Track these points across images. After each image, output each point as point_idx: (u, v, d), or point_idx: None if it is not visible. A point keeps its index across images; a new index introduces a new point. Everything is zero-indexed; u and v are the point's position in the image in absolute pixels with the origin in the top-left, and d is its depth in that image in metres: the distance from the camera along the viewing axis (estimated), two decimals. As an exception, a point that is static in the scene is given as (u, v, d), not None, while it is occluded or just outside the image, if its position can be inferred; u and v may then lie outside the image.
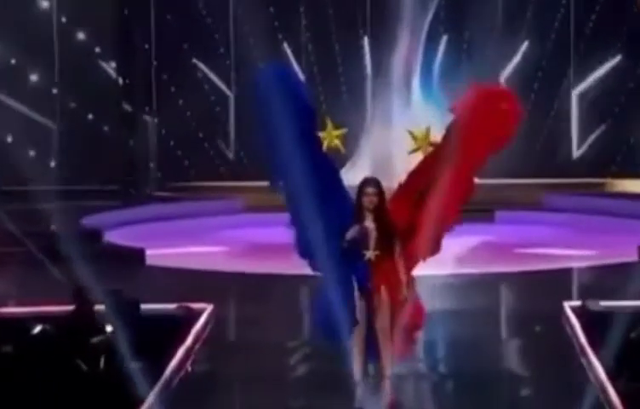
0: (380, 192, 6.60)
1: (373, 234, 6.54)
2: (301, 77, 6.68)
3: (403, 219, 6.58)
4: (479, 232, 16.22)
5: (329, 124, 6.67)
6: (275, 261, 14.89)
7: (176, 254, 14.96)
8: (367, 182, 6.65)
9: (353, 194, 6.63)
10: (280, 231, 7.26)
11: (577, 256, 14.43)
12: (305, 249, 6.67)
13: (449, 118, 6.75)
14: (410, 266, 6.71)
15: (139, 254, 13.78)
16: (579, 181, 19.69)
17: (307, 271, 6.98)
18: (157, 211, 18.18)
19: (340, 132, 6.70)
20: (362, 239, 6.53)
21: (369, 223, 6.56)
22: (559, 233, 16.40)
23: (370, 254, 6.54)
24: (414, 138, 6.77)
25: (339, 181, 6.64)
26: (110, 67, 19.40)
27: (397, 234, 6.55)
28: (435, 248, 6.71)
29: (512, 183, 19.52)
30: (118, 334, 7.49)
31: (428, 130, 6.73)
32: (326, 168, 6.59)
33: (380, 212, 6.56)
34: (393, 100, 19.30)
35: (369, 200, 6.56)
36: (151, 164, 20.30)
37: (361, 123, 19.79)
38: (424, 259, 6.72)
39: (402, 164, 7.00)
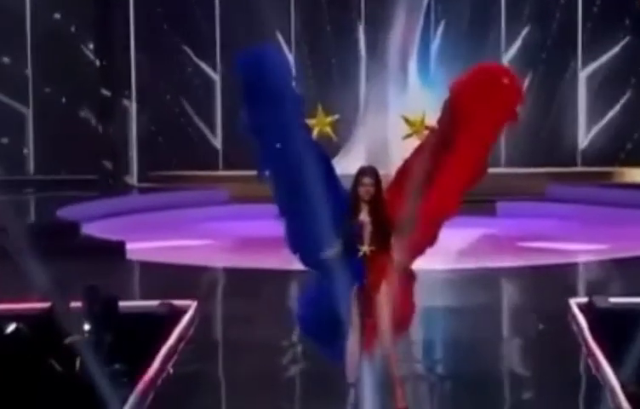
0: (377, 181, 6.55)
1: (368, 228, 6.50)
2: (288, 59, 6.59)
3: (400, 209, 6.54)
4: (479, 224, 16.21)
5: (320, 111, 6.63)
6: (263, 255, 14.87)
7: (158, 248, 14.93)
8: (363, 172, 6.61)
9: (348, 184, 6.61)
10: (268, 223, 7.23)
11: (583, 250, 14.45)
12: (296, 243, 6.63)
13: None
14: (409, 260, 6.67)
15: (118, 248, 13.75)
16: (585, 170, 19.71)
17: (297, 266, 6.96)
18: (138, 202, 18.15)
19: (331, 119, 6.66)
20: (357, 232, 6.49)
21: (364, 216, 6.52)
22: (564, 226, 16.41)
23: (365, 249, 6.50)
24: (409, 123, 6.73)
25: (331, 170, 6.61)
26: (87, 49, 19.32)
27: (393, 228, 6.51)
28: (432, 239, 6.67)
29: (515, 172, 19.52)
30: (95, 333, 7.46)
31: (424, 115, 6.69)
32: (316, 156, 6.54)
33: (376, 204, 6.52)
34: (389, 85, 19.26)
35: (365, 190, 6.52)
36: (131, 152, 20.24)
37: (354, 108, 19.76)
38: (422, 252, 6.68)
39: (398, 150, 6.96)
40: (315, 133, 6.63)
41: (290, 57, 18.34)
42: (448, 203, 6.62)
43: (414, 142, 6.75)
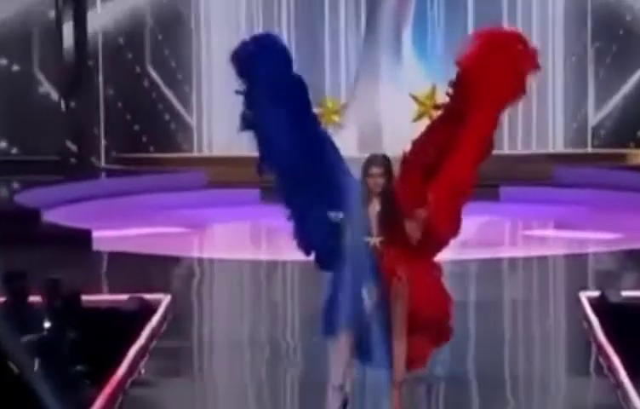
0: (387, 171, 6.52)
1: (375, 219, 6.50)
2: (287, 46, 6.62)
3: (413, 197, 6.51)
4: (480, 210, 16.14)
5: (327, 100, 6.63)
6: (242, 245, 14.88)
7: (127, 237, 14.89)
8: (371, 161, 6.58)
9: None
10: (248, 210, 7.19)
11: (594, 240, 14.48)
12: (308, 242, 6.62)
13: (449, 74, 6.70)
14: (431, 251, 6.65)
15: (83, 237, 13.71)
16: (596, 152, 19.73)
17: (278, 256, 6.94)
18: (105, 187, 18.10)
19: (338, 107, 6.65)
20: (365, 223, 6.49)
21: (373, 207, 6.51)
22: (573, 213, 16.44)
23: (374, 240, 6.49)
24: (418, 102, 6.67)
25: (340, 160, 6.61)
26: (50, 15, 19.19)
27: (404, 218, 6.47)
28: (456, 226, 6.64)
29: (519, 154, 19.55)
30: (57, 331, 7.43)
31: (433, 90, 6.65)
32: (324, 147, 6.58)
33: (387, 195, 6.49)
34: (381, 57, 19.23)
35: (374, 183, 6.50)
36: (98, 132, 20.15)
37: (343, 85, 19.72)
38: (445, 241, 6.66)
39: (392, 130, 6.94)
40: (322, 123, 6.61)
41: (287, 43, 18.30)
42: (463, 181, 6.57)
43: (424, 123, 6.66)
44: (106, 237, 14.21)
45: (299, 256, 6.74)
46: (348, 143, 15.53)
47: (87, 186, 17.82)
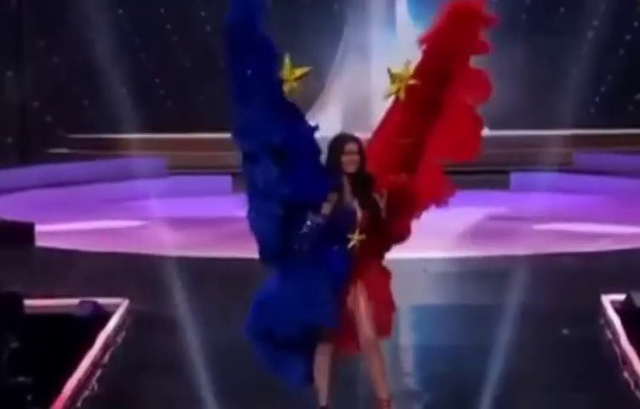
0: (361, 150, 6.63)
1: (358, 213, 6.56)
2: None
3: (384, 183, 6.61)
4: (488, 201, 16.28)
5: (287, 63, 6.62)
6: (208, 239, 14.89)
7: (77, 231, 14.89)
8: (346, 139, 6.69)
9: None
10: (213, 200, 7.19)
11: (616, 234, 14.54)
12: (267, 227, 6.65)
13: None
14: (392, 246, 6.76)
15: (26, 231, 13.70)
16: (619, 133, 19.81)
17: (248, 253, 6.98)
18: (52, 174, 18.08)
19: (300, 72, 6.64)
20: (347, 218, 6.52)
21: (348, 195, 6.56)
22: (593, 203, 16.52)
23: (357, 238, 6.53)
24: (393, 78, 6.75)
25: (313, 140, 6.65)
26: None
27: (381, 208, 6.55)
28: (406, 230, 6.81)
29: (532, 136, 19.61)
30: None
31: (408, 66, 6.72)
32: (295, 122, 6.62)
33: (361, 179, 6.58)
34: (372, 28, 19.28)
35: (351, 160, 6.59)
36: (45, 112, 20.12)
37: (330, 56, 19.77)
38: (396, 242, 6.78)
39: (380, 102, 7.01)
40: (286, 90, 6.63)
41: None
42: (437, 182, 6.75)
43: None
44: (52, 231, 14.20)
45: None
46: (332, 123, 15.54)
47: (31, 172, 17.82)
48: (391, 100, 6.84)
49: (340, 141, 6.68)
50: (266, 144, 6.54)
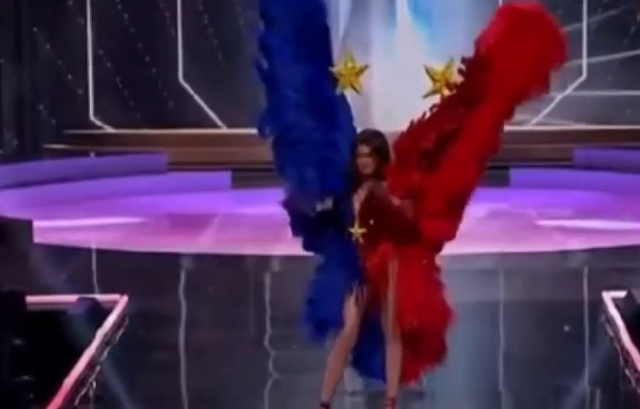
0: (376, 150, 6.49)
1: (358, 206, 6.51)
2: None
3: (403, 184, 6.52)
4: (487, 197, 16.17)
5: (349, 56, 6.56)
6: (208, 237, 14.87)
7: (76, 227, 14.88)
8: (359, 138, 6.58)
9: None
10: (213, 196, 7.19)
11: (618, 231, 14.54)
12: (300, 224, 6.64)
13: (451, 41, 6.74)
14: (428, 250, 6.67)
15: (24, 227, 13.69)
16: (621, 129, 19.80)
17: (248, 250, 6.97)
18: (51, 170, 18.07)
19: (361, 68, 6.58)
20: (349, 211, 6.51)
21: (360, 193, 6.53)
22: (595, 200, 16.51)
23: (356, 231, 6.50)
24: (433, 78, 6.57)
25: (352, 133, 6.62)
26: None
27: (391, 210, 6.49)
28: (452, 230, 6.66)
29: (533, 131, 19.61)
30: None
31: (450, 65, 6.55)
32: (341, 117, 6.59)
33: (376, 181, 6.51)
34: (372, 20, 19.27)
35: (361, 163, 6.51)
36: (42, 106, 20.11)
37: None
38: (447, 238, 6.68)
39: (382, 102, 6.95)
40: (340, 86, 6.59)
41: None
42: (466, 174, 6.59)
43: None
44: (51, 227, 14.20)
45: (280, 250, 6.77)
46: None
47: (29, 168, 17.82)
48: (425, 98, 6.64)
49: (355, 141, 6.60)
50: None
